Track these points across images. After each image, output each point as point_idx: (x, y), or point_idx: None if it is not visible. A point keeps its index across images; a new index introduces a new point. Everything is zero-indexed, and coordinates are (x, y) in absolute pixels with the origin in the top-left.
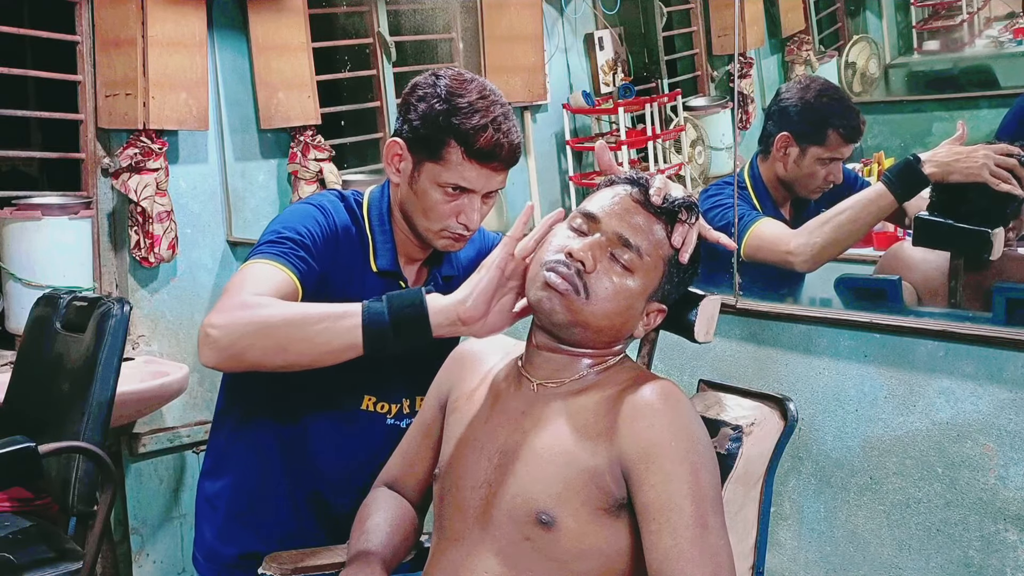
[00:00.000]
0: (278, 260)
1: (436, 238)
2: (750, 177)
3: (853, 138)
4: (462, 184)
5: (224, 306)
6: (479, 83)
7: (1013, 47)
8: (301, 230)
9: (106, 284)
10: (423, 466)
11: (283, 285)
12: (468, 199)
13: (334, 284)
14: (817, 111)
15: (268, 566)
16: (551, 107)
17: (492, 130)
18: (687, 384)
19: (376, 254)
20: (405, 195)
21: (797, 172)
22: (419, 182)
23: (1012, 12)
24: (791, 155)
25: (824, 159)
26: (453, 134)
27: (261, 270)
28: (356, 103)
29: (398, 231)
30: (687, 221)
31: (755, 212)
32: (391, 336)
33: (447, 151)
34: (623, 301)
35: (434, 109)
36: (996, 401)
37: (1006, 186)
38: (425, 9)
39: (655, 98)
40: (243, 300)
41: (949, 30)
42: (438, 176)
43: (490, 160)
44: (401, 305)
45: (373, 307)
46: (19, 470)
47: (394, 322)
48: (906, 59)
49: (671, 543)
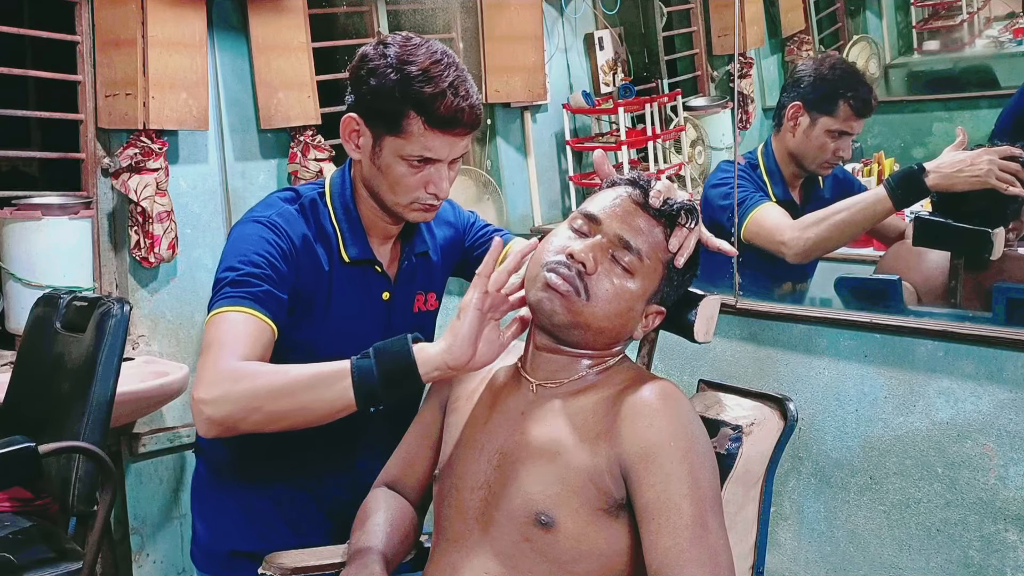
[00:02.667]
0: (247, 305)
1: (407, 211)
2: (763, 155)
3: (863, 112)
4: (427, 155)
5: (210, 377)
6: (428, 47)
7: (1013, 47)
8: (257, 260)
9: (106, 284)
10: (423, 466)
11: (260, 334)
12: (435, 168)
13: (305, 289)
14: (829, 82)
15: (268, 566)
16: (551, 107)
17: (451, 96)
18: (687, 384)
19: (345, 244)
20: (368, 171)
21: (806, 143)
22: (381, 157)
23: (1012, 12)
24: (801, 124)
25: (834, 131)
26: (411, 105)
27: (234, 322)
28: None
29: (365, 212)
30: (686, 225)
31: (760, 195)
32: (382, 393)
33: (407, 123)
34: (623, 303)
35: (388, 80)
36: (996, 401)
37: (1014, 189)
38: (425, 9)
39: (655, 98)
40: (229, 369)
41: (949, 30)
42: (401, 149)
43: (452, 127)
44: (389, 362)
45: (362, 366)
46: (19, 470)
47: (384, 380)
48: (906, 59)
49: (670, 543)
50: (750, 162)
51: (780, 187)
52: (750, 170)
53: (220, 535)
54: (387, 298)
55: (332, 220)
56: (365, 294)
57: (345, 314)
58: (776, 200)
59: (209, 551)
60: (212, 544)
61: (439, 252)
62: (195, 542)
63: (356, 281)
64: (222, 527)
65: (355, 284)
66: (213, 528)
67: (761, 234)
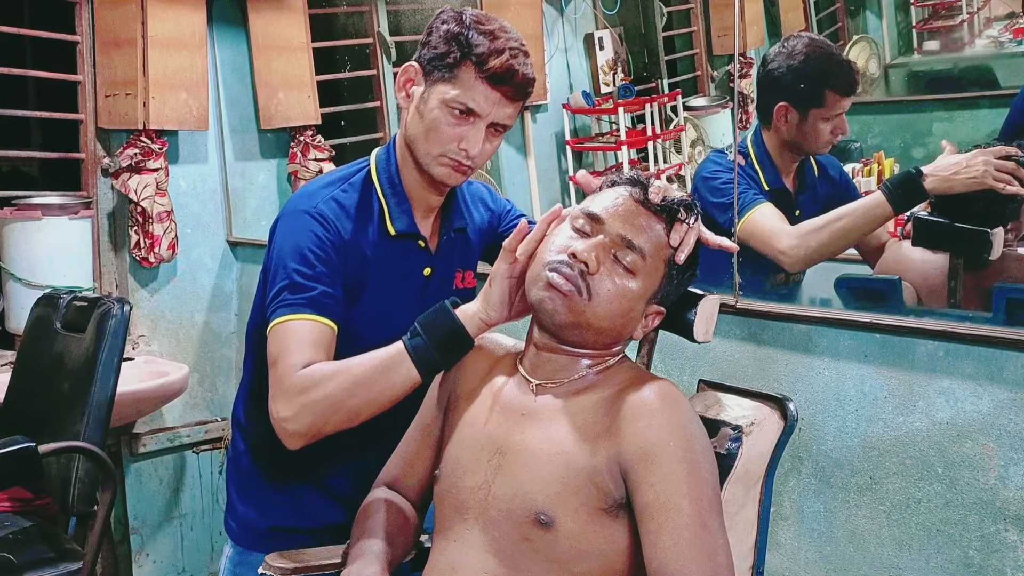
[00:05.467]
0: (306, 311)
1: (435, 164)
2: (753, 145)
3: (850, 91)
4: (470, 104)
5: (284, 393)
6: (503, 22)
7: (1013, 47)
8: (311, 258)
9: (106, 284)
10: (423, 466)
11: (322, 338)
12: (473, 126)
13: (352, 275)
14: (808, 75)
15: (268, 566)
16: (551, 107)
17: (508, 55)
18: (687, 384)
19: (392, 217)
20: (411, 122)
21: (802, 135)
22: (427, 104)
23: (1012, 12)
24: (792, 122)
25: (827, 117)
26: (469, 53)
27: (296, 330)
28: (356, 103)
29: (408, 183)
30: (686, 221)
31: (754, 193)
32: (442, 362)
33: (460, 70)
34: (625, 303)
35: (454, 30)
36: (996, 401)
37: (1012, 188)
38: (425, 9)
39: (655, 98)
40: (300, 382)
41: (949, 30)
42: (446, 94)
43: (501, 83)
44: (440, 333)
45: (417, 345)
46: (19, 470)
47: (440, 350)
48: (906, 59)
49: (670, 543)
50: (740, 152)
51: (772, 176)
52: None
53: (257, 510)
54: (428, 273)
55: (379, 195)
56: (407, 270)
57: (387, 292)
58: (769, 189)
59: (245, 525)
60: (249, 519)
61: (477, 233)
62: (231, 515)
63: (399, 257)
64: (259, 502)
65: (398, 260)
66: (250, 503)
67: (757, 237)
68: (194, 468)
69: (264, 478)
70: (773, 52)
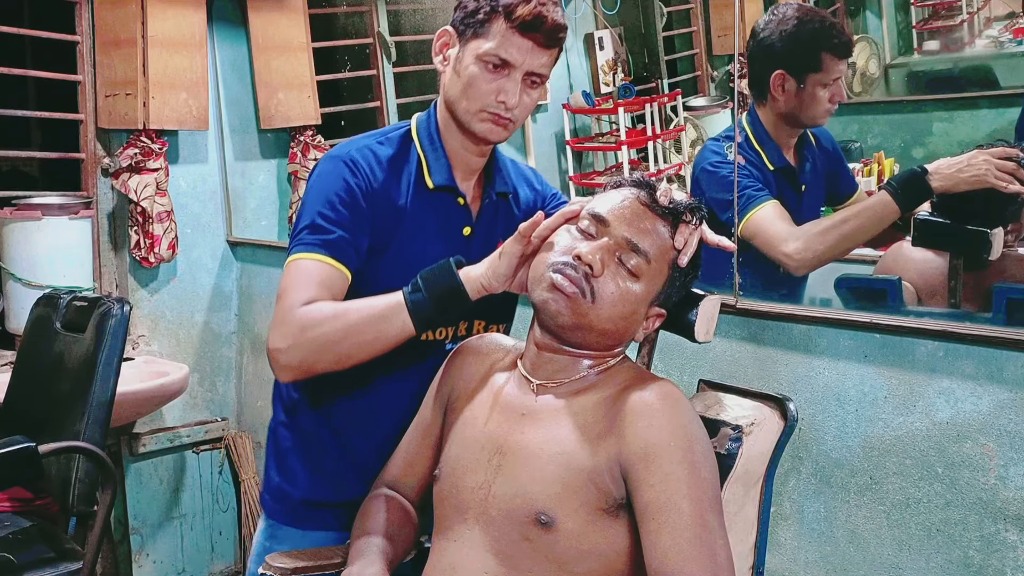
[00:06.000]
0: (320, 252)
1: (476, 121)
2: (750, 126)
3: (846, 53)
4: (503, 55)
5: (280, 326)
6: None
7: (1013, 47)
8: (335, 201)
9: (106, 284)
10: (423, 466)
11: (331, 280)
12: (509, 78)
13: (383, 225)
14: (803, 40)
15: (268, 566)
16: (551, 107)
17: (536, 3)
18: (687, 384)
19: (430, 170)
20: (449, 84)
21: (800, 103)
22: (463, 63)
23: (1012, 12)
24: (790, 90)
25: (825, 83)
26: (497, 5)
27: (306, 269)
28: (356, 103)
29: (449, 143)
30: (691, 223)
31: (757, 188)
32: (437, 319)
33: (490, 23)
34: (628, 306)
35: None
36: (996, 401)
37: (1013, 187)
38: (425, 9)
39: (655, 98)
40: (299, 316)
41: (949, 30)
42: (480, 49)
43: (532, 31)
44: (440, 291)
45: (416, 300)
46: (19, 470)
47: (437, 307)
48: (906, 59)
49: (670, 543)
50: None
51: (775, 154)
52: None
53: (290, 481)
54: (468, 233)
55: (418, 150)
56: (446, 227)
57: (422, 247)
58: (774, 168)
59: (278, 496)
60: (283, 490)
61: (521, 208)
62: (266, 488)
63: (437, 212)
64: (292, 473)
65: (436, 215)
66: (284, 473)
67: (760, 236)
68: (194, 468)
69: (297, 446)
70: (763, 22)
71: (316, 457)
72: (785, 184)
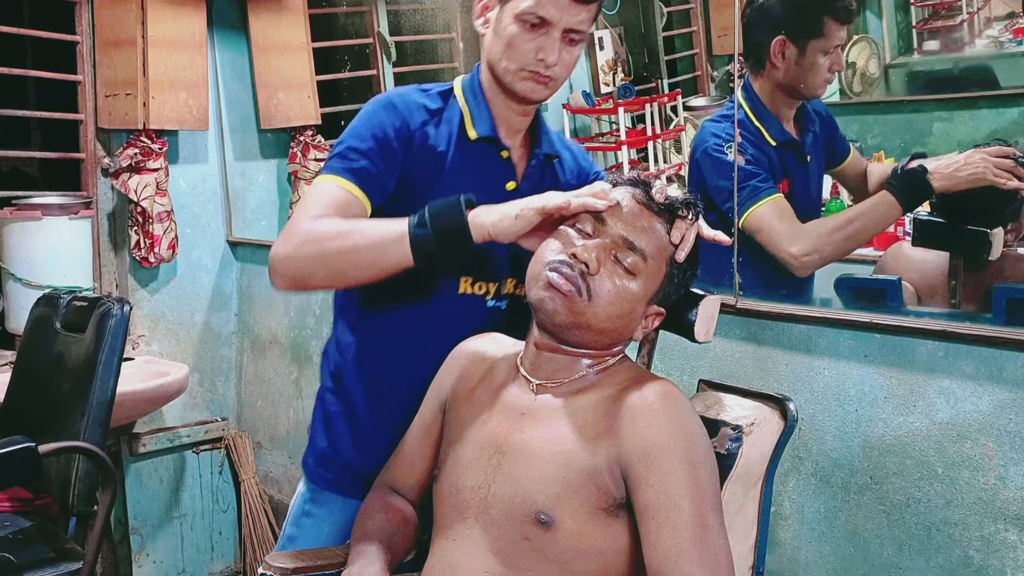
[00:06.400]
0: (342, 176)
1: (517, 80)
2: (747, 101)
3: (849, 18)
4: (540, 13)
5: (289, 235)
6: None
7: (1013, 47)
8: (366, 135)
9: (106, 284)
10: (423, 466)
11: (347, 204)
12: (548, 35)
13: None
14: (805, 4)
15: (268, 566)
16: (551, 107)
17: None
18: (687, 384)
19: (473, 122)
20: (491, 46)
21: (800, 72)
22: (502, 23)
23: (1012, 12)
24: (791, 57)
25: (826, 50)
26: None
27: (325, 190)
28: (356, 103)
29: (493, 102)
30: (686, 218)
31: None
32: (437, 257)
33: None
34: (625, 304)
35: None
36: (996, 401)
37: (1012, 184)
38: (425, 9)
39: (655, 98)
40: (305, 229)
41: (949, 30)
42: (517, 8)
43: None
44: (445, 229)
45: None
46: (19, 470)
47: (439, 244)
48: (906, 59)
49: (670, 543)
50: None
51: (776, 128)
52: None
53: (332, 444)
54: (512, 188)
55: (460, 103)
56: (488, 178)
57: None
58: (776, 144)
59: (321, 460)
60: (326, 454)
61: (567, 175)
62: (309, 452)
63: (479, 163)
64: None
65: (478, 166)
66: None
67: (765, 233)
68: (194, 468)
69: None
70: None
71: (360, 421)
72: (790, 158)
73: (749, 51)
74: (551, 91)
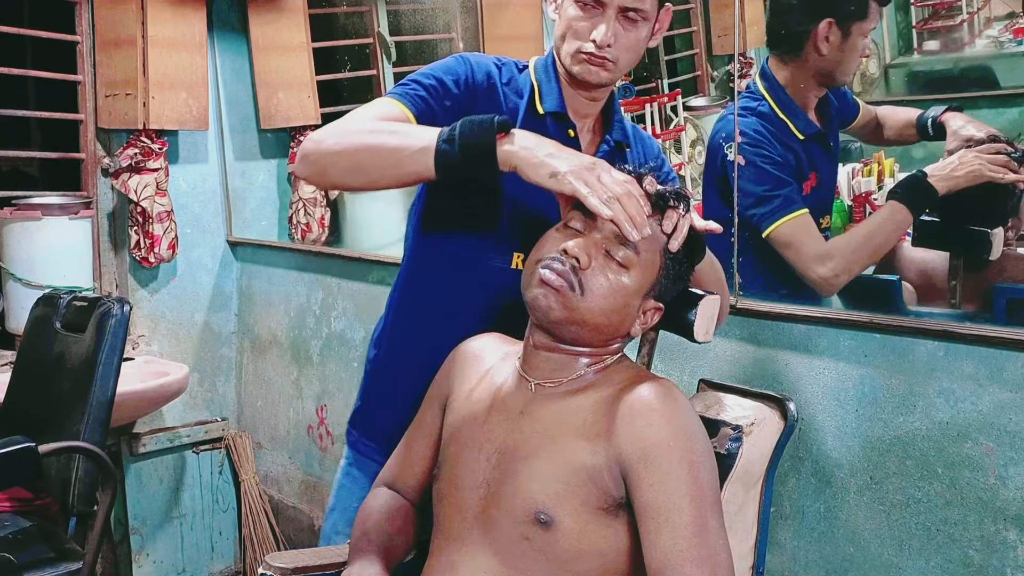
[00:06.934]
0: (398, 98)
1: (574, 63)
2: (770, 92)
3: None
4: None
5: (329, 127)
6: None
7: (1013, 47)
8: (431, 75)
9: (106, 284)
10: (422, 466)
11: (396, 119)
12: (603, 16)
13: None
14: None
15: (268, 566)
16: None
17: None
18: (687, 384)
19: (542, 96)
20: (556, 29)
21: (842, 56)
22: (563, 7)
23: (1012, 12)
24: (834, 42)
25: (865, 33)
26: None
27: (380, 105)
28: (356, 103)
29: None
30: (677, 207)
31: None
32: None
33: None
34: (619, 298)
35: None
36: (996, 401)
37: (1010, 176)
38: (425, 9)
39: (655, 98)
40: (345, 124)
41: (949, 30)
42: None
43: None
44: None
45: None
46: (19, 470)
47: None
48: (906, 59)
49: (670, 543)
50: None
51: (803, 121)
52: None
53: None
54: None
55: (532, 79)
56: None
57: None
58: (804, 138)
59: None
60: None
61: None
62: (351, 422)
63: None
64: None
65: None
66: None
67: (793, 249)
68: (194, 468)
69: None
70: None
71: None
72: (817, 151)
73: (781, 39)
74: (611, 73)
